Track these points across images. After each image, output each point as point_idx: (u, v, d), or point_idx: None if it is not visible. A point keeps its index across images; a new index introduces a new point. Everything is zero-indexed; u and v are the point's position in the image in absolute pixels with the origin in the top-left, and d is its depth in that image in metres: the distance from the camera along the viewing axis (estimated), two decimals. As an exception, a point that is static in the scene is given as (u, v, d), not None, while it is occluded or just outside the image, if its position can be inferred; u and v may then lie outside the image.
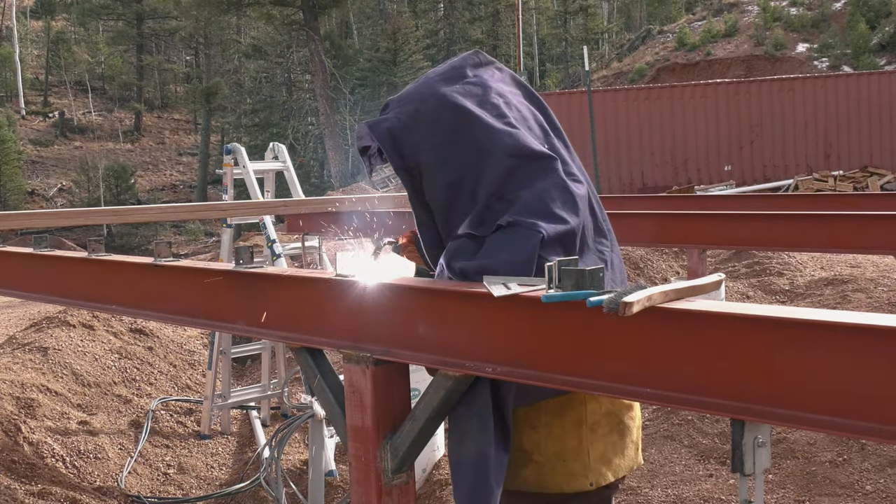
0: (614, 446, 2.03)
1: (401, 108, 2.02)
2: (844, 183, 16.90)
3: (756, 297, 8.37)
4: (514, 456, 1.98)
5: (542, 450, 1.98)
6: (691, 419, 4.99)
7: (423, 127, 1.97)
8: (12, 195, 39.24)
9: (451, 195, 1.96)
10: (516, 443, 1.98)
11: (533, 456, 1.99)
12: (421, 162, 1.98)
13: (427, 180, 1.99)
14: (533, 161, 1.93)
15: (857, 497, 4.07)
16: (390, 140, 1.98)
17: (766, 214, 4.36)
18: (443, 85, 2.02)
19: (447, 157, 1.95)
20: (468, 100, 1.98)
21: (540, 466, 1.98)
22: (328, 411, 2.13)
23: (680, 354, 1.46)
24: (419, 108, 1.99)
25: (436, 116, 1.97)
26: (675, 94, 19.05)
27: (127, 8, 52.54)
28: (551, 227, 1.85)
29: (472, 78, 2.06)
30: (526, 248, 1.81)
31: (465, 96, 1.99)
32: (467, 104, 1.96)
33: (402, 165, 1.99)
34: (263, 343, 6.34)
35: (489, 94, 2.01)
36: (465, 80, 2.05)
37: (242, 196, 6.96)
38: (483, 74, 2.09)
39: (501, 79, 2.12)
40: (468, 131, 1.94)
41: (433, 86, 2.03)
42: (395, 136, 1.98)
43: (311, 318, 2.13)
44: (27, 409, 5.69)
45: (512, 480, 2.00)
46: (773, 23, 35.10)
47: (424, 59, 39.68)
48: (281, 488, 4.66)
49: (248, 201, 6.08)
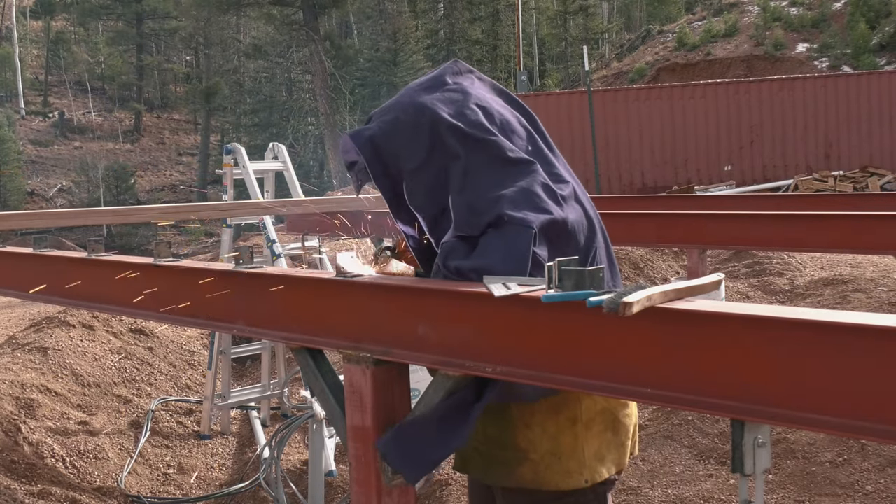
0: (609, 443, 2.05)
1: (382, 117, 2.06)
2: (844, 183, 16.90)
3: (756, 297, 8.37)
4: (509, 454, 2.01)
5: (538, 447, 2.00)
6: (691, 419, 4.99)
7: (403, 134, 2.00)
8: (12, 195, 39.26)
9: (432, 200, 1.98)
10: (511, 441, 2.01)
11: (528, 454, 2.01)
12: (402, 168, 2.01)
13: (408, 187, 2.01)
14: (510, 166, 1.95)
15: (857, 497, 4.07)
16: (371, 148, 2.01)
17: (766, 214, 4.36)
18: (423, 94, 2.05)
19: (426, 162, 1.97)
20: (447, 106, 2.01)
21: (535, 464, 2.00)
22: (328, 411, 2.13)
23: (680, 354, 1.46)
24: (399, 116, 2.02)
25: (415, 123, 1.99)
26: (675, 94, 19.04)
27: (127, 8, 52.56)
28: (540, 218, 1.86)
29: (452, 85, 2.09)
30: (520, 246, 1.83)
31: (444, 103, 2.02)
32: (444, 110, 1.99)
33: (383, 173, 2.02)
34: (263, 343, 6.34)
35: (468, 100, 2.04)
36: (446, 88, 2.07)
37: (242, 196, 6.97)
38: (463, 82, 2.11)
39: (482, 86, 2.15)
40: (444, 139, 1.97)
41: (413, 95, 2.06)
42: (377, 144, 2.01)
43: (311, 318, 2.13)
44: (27, 410, 5.69)
45: (508, 478, 2.03)
46: (773, 23, 35.09)
47: (424, 59, 39.67)
48: (281, 488, 4.66)
49: (248, 201, 6.07)
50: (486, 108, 2.04)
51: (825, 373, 1.31)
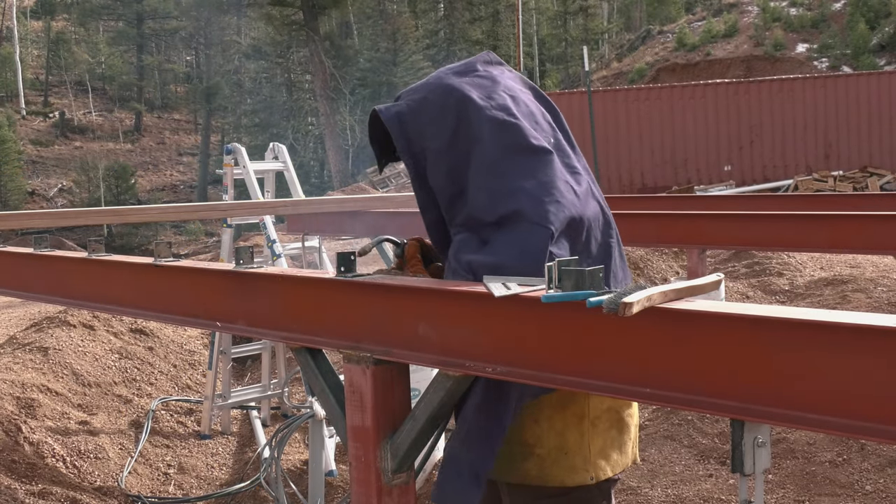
0: (613, 442, 2.06)
1: (410, 96, 2.09)
2: (844, 183, 16.90)
3: (756, 297, 8.37)
4: (515, 449, 2.01)
5: (544, 443, 2.01)
6: (691, 419, 4.99)
7: (430, 113, 2.02)
8: (12, 195, 39.27)
9: (452, 181, 2.00)
10: (518, 436, 2.01)
11: (535, 449, 2.01)
12: (426, 147, 2.03)
13: (430, 166, 2.03)
14: (531, 154, 1.97)
15: (857, 497, 4.07)
16: (398, 124, 2.04)
17: (766, 214, 4.36)
18: (453, 77, 2.08)
19: (449, 144, 2.00)
20: (474, 90, 2.04)
21: (541, 459, 2.01)
22: (328, 411, 2.13)
23: (680, 354, 1.46)
24: (427, 96, 2.05)
25: (442, 104, 2.02)
26: (675, 94, 19.04)
27: (127, 8, 52.59)
28: (559, 217, 1.88)
29: (483, 72, 2.12)
30: (536, 244, 1.84)
31: (472, 87, 2.05)
32: (472, 94, 2.02)
33: (407, 149, 2.04)
34: (263, 343, 6.34)
35: (497, 87, 2.07)
36: (476, 74, 2.11)
37: (242, 196, 6.97)
38: (493, 71, 2.15)
39: (511, 77, 2.18)
40: (470, 121, 1.99)
41: (443, 77, 2.10)
42: (404, 121, 2.04)
43: (311, 318, 2.13)
44: (27, 409, 5.69)
45: (514, 473, 2.03)
46: (773, 23, 35.09)
47: (424, 59, 39.68)
48: (281, 488, 4.66)
49: (248, 201, 6.07)
50: (514, 96, 2.08)
51: (825, 373, 1.31)
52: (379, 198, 5.54)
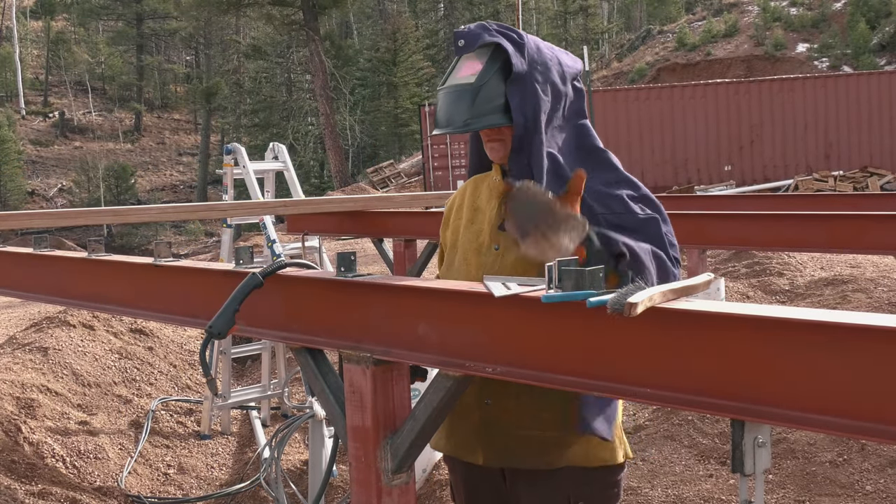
0: (622, 424, 2.21)
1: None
2: (844, 183, 16.91)
3: (756, 297, 8.37)
4: (563, 435, 2.06)
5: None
6: (691, 419, 4.99)
7: (530, 46, 2.08)
8: (12, 195, 39.29)
9: (549, 107, 2.06)
10: (569, 420, 2.07)
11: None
12: (547, 79, 2.07)
13: (529, 89, 2.03)
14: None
15: (857, 497, 4.07)
16: (507, 37, 2.05)
17: (766, 214, 4.36)
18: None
19: (546, 76, 2.06)
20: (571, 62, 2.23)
21: (588, 440, 2.07)
22: (328, 411, 2.13)
23: (680, 354, 1.46)
24: (524, 37, 2.13)
25: (537, 46, 2.10)
26: (675, 94, 19.06)
27: (127, 8, 52.62)
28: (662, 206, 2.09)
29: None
30: (660, 236, 2.00)
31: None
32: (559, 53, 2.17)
33: (523, 72, 2.02)
34: (263, 343, 6.34)
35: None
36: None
37: (242, 196, 6.97)
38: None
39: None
40: (559, 67, 2.11)
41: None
42: (531, 46, 2.08)
43: (311, 318, 2.13)
44: (27, 410, 5.69)
45: (561, 458, 2.07)
46: (773, 23, 35.11)
47: (424, 59, 39.72)
48: (281, 488, 4.66)
49: (248, 201, 6.08)
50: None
51: (825, 373, 1.31)
52: (379, 198, 5.54)
